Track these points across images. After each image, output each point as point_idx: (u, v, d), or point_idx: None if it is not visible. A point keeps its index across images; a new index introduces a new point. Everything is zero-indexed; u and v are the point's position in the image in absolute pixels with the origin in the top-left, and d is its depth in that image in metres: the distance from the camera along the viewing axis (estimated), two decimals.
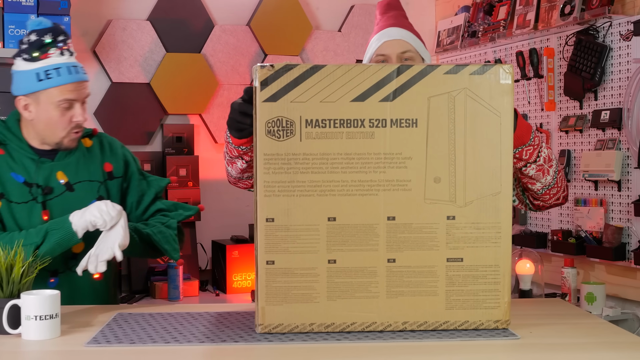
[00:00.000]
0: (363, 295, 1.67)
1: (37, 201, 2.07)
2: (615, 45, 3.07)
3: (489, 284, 1.67)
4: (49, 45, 2.05)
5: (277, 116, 1.66)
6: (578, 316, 1.92)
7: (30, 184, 2.07)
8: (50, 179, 2.10)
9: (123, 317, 1.87)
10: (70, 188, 2.12)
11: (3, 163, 2.08)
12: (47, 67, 2.04)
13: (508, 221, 1.67)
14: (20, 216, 2.06)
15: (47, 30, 2.06)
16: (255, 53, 3.80)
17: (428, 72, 1.65)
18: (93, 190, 2.15)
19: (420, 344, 1.61)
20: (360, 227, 1.66)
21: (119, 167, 2.23)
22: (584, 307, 3.03)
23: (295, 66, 1.66)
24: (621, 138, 3.03)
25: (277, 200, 1.67)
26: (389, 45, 2.06)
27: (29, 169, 2.09)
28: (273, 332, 1.68)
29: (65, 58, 2.07)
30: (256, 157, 1.66)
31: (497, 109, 1.66)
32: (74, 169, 2.14)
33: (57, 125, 2.06)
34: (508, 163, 1.67)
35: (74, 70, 2.07)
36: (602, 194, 3.13)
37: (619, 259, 3.00)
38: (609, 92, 3.10)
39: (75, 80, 2.06)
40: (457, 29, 3.87)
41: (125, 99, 3.58)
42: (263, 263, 1.67)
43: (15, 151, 2.10)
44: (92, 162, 2.18)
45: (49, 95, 2.05)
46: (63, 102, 2.04)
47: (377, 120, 1.66)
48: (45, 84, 2.04)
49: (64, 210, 2.06)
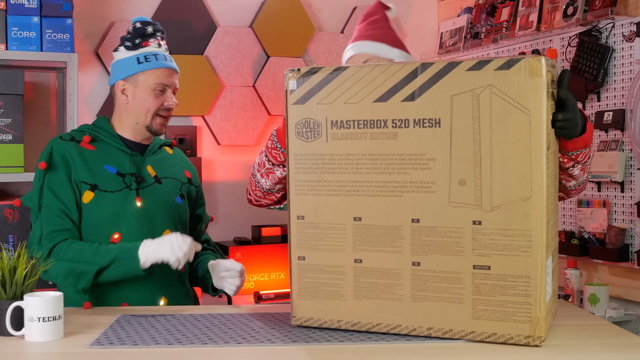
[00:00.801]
0: (388, 297, 1.66)
1: (130, 188, 2.16)
2: (618, 47, 3.06)
3: (519, 295, 1.55)
4: (150, 36, 2.23)
5: (305, 118, 1.70)
6: (581, 317, 1.90)
7: (123, 174, 2.18)
8: (141, 170, 2.22)
9: (126, 319, 1.87)
10: (159, 181, 2.24)
11: (96, 158, 2.17)
12: (146, 52, 2.21)
13: (540, 229, 1.53)
14: (115, 203, 2.14)
15: (149, 23, 2.25)
16: (257, 55, 3.80)
17: (450, 69, 1.58)
18: (177, 187, 2.28)
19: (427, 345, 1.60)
20: (385, 228, 1.65)
21: (195, 177, 2.40)
22: (587, 309, 3.03)
23: (320, 69, 1.68)
24: (624, 139, 3.03)
25: (307, 198, 1.71)
26: (356, 59, 2.16)
27: (121, 162, 2.19)
28: (305, 325, 1.73)
29: (162, 49, 2.25)
30: (288, 157, 1.72)
31: (526, 106, 1.53)
32: (160, 165, 2.28)
33: (151, 108, 2.20)
34: (539, 165, 1.53)
35: (169, 58, 2.25)
36: (605, 195, 3.12)
37: (622, 260, 3.00)
38: (611, 94, 3.10)
39: (170, 66, 2.23)
40: (459, 30, 3.87)
41: None
42: (295, 258, 1.73)
43: (107, 145, 2.21)
44: (175, 166, 2.33)
45: (146, 78, 2.20)
46: (158, 86, 2.19)
47: (399, 121, 1.63)
48: (144, 66, 2.20)
49: (154, 198, 2.20)
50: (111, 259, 2.00)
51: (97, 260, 2.00)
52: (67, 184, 2.11)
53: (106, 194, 2.13)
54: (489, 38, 3.61)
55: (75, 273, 2.01)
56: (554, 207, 1.67)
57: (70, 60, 3.05)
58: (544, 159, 1.53)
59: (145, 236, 2.08)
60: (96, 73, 3.53)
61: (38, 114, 3.38)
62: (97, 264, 1.99)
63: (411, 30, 4.15)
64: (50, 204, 2.10)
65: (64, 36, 3.06)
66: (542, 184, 1.53)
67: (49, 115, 3.40)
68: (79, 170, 2.12)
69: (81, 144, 2.18)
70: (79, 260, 2.01)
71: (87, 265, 2.00)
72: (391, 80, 1.63)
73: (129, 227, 2.13)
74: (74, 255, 2.02)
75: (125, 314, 1.92)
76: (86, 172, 2.13)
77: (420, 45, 4.15)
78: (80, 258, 2.01)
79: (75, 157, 2.14)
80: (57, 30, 3.05)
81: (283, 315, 1.88)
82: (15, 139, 2.96)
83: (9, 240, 2.95)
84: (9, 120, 2.96)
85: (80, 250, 2.03)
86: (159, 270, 2.10)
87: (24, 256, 1.72)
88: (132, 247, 2.01)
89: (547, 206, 1.55)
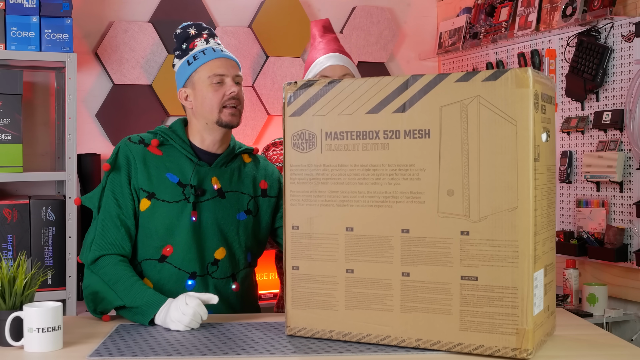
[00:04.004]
0: (379, 307, 1.67)
1: (188, 201, 2.09)
2: (617, 47, 3.06)
3: (506, 307, 1.55)
4: (195, 37, 2.18)
5: (301, 129, 1.73)
6: (581, 327, 1.88)
7: (184, 185, 2.10)
8: (204, 182, 2.12)
9: (125, 329, 1.87)
10: (222, 195, 2.14)
11: (160, 164, 2.11)
12: (194, 52, 2.15)
13: (526, 240, 1.53)
14: (170, 215, 2.07)
15: (190, 25, 2.20)
16: (256, 55, 3.80)
17: (439, 80, 1.60)
18: (243, 202, 2.17)
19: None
20: (376, 238, 1.67)
21: (273, 187, 2.26)
22: (586, 309, 3.03)
23: (315, 82, 1.71)
24: (623, 139, 3.03)
25: (301, 209, 1.73)
26: (333, 69, 2.43)
27: (184, 171, 2.11)
28: (298, 335, 1.74)
29: (211, 44, 2.17)
30: (284, 168, 1.74)
31: (513, 117, 1.54)
32: (228, 178, 2.17)
33: (213, 102, 2.11)
34: (526, 176, 1.53)
35: (218, 49, 2.16)
36: (604, 195, 3.12)
37: (620, 260, 3.00)
38: (610, 94, 3.10)
39: (220, 56, 2.14)
40: (458, 31, 3.87)
41: (127, 101, 3.58)
42: (290, 268, 1.76)
43: (174, 151, 2.14)
44: (247, 177, 2.21)
45: (199, 76, 2.13)
46: (213, 77, 2.11)
47: (391, 132, 1.65)
48: (194, 65, 2.14)
49: (212, 213, 2.10)
50: (134, 305, 1.92)
51: (124, 297, 1.94)
52: (127, 188, 2.07)
53: (163, 204, 2.07)
54: (488, 38, 3.61)
55: (100, 296, 1.97)
56: (546, 220, 1.65)
57: (69, 60, 3.05)
58: (531, 170, 1.53)
59: (196, 252, 2.06)
60: (95, 73, 3.53)
61: (37, 114, 3.38)
62: (122, 301, 1.93)
63: (410, 30, 4.15)
64: (109, 207, 2.06)
65: (63, 36, 3.06)
66: (529, 195, 1.53)
67: (47, 115, 3.41)
68: (139, 176, 2.07)
69: (149, 147, 2.12)
70: (110, 286, 1.96)
71: (114, 296, 1.95)
72: (383, 92, 1.66)
73: (181, 241, 2.07)
74: (110, 279, 1.97)
75: (124, 324, 1.92)
76: (146, 179, 2.08)
77: (419, 45, 4.15)
78: (113, 286, 1.96)
79: (138, 162, 2.08)
80: (56, 30, 3.05)
81: (282, 325, 1.87)
82: (14, 138, 2.96)
83: (8, 240, 2.95)
84: (8, 120, 2.96)
85: (117, 279, 1.97)
86: (212, 289, 2.09)
87: (23, 266, 1.72)
88: (155, 305, 1.90)
89: (535, 217, 1.55)
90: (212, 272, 2.09)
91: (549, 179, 1.66)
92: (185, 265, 2.06)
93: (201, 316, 1.84)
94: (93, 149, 3.49)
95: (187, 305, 1.84)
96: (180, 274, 2.06)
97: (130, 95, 3.58)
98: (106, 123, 3.53)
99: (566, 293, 3.18)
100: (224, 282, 2.10)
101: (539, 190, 1.57)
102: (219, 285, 2.09)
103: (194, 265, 2.07)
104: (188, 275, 2.07)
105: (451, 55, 3.98)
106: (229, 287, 2.12)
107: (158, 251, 2.07)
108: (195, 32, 2.18)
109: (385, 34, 4.05)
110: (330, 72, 2.44)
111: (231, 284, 2.12)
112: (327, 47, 2.51)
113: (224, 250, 2.11)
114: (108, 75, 3.55)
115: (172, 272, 2.06)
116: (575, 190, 3.27)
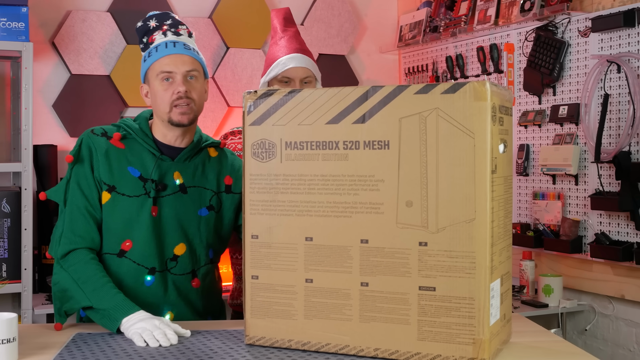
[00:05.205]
0: (337, 317, 1.68)
1: (149, 196, 2.05)
2: (573, 42, 3.11)
3: (463, 317, 1.56)
4: (155, 29, 2.12)
5: (261, 139, 1.73)
6: (535, 333, 1.89)
7: (145, 179, 2.06)
8: (166, 176, 2.09)
9: (82, 338, 1.84)
10: (183, 190, 2.10)
11: (122, 157, 2.07)
12: (150, 49, 2.10)
13: (483, 251, 1.55)
14: (130, 209, 2.04)
15: (152, 17, 2.14)
16: (217, 46, 3.78)
17: (398, 92, 1.61)
18: (205, 198, 2.14)
19: None
20: (335, 248, 1.67)
21: (238, 183, 2.21)
22: (542, 299, 3.08)
23: (276, 91, 1.71)
24: (579, 133, 3.09)
25: (261, 218, 1.73)
26: (295, 70, 2.49)
27: (146, 165, 2.08)
28: (257, 344, 1.75)
29: (168, 37, 2.10)
30: (244, 177, 1.74)
31: (471, 130, 1.55)
32: (192, 173, 2.13)
33: (164, 100, 2.06)
34: (483, 188, 1.54)
35: (171, 44, 2.09)
36: (559, 187, 3.18)
37: (575, 252, 3.06)
38: (567, 88, 3.15)
39: (171, 52, 2.07)
40: (419, 24, 3.89)
41: (85, 91, 3.53)
42: (249, 277, 1.75)
43: (137, 145, 2.10)
44: (211, 172, 2.17)
45: (152, 72, 2.08)
46: (161, 74, 2.06)
47: (350, 142, 1.65)
48: (147, 62, 2.09)
49: (173, 209, 2.08)
50: (101, 307, 1.90)
51: (92, 298, 1.91)
52: (92, 179, 2.04)
53: (123, 198, 2.05)
54: (447, 32, 3.64)
55: (68, 295, 1.95)
56: (503, 231, 1.67)
57: (25, 50, 3.00)
58: (488, 182, 1.55)
59: (155, 248, 2.04)
60: (52, 63, 3.48)
61: None
62: (89, 301, 1.91)
63: (371, 23, 4.16)
64: (76, 199, 2.03)
65: (18, 25, 3.00)
66: (486, 206, 1.55)
67: (3, 106, 3.35)
68: (101, 169, 2.04)
69: (111, 140, 2.08)
70: (79, 285, 1.94)
71: (82, 296, 1.92)
72: (343, 103, 1.66)
73: (141, 236, 2.04)
74: (80, 277, 1.94)
75: (81, 333, 1.88)
76: (107, 172, 2.05)
77: (380, 39, 4.16)
78: (82, 285, 1.93)
79: (100, 154, 2.05)
80: (12, 18, 2.99)
81: (241, 334, 1.86)
82: None
83: None
84: None
85: (87, 278, 1.94)
86: (171, 285, 2.07)
87: None
88: (123, 310, 1.88)
89: (492, 229, 1.57)
90: (171, 268, 2.07)
91: (505, 190, 1.68)
92: (145, 260, 2.04)
93: (169, 339, 1.78)
94: (50, 140, 3.44)
95: (162, 322, 1.83)
96: (139, 269, 2.04)
97: (88, 85, 3.53)
98: (63, 114, 3.49)
99: (522, 284, 3.23)
100: (184, 278, 2.09)
101: (496, 201, 1.59)
102: (178, 281, 2.08)
103: (153, 261, 2.05)
104: (147, 270, 2.05)
105: (411, 48, 4.00)
106: (188, 283, 2.10)
107: (117, 245, 2.05)
108: (156, 24, 2.12)
109: (346, 27, 4.06)
110: (292, 74, 2.48)
111: (191, 280, 2.10)
112: (289, 46, 2.53)
113: (184, 246, 2.09)
114: (65, 65, 3.50)
115: (131, 267, 2.04)
116: (532, 182, 3.32)
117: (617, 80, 2.91)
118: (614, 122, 2.93)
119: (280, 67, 2.49)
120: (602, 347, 3.10)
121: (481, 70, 3.54)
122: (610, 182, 2.94)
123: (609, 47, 2.95)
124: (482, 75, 3.54)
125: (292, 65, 2.48)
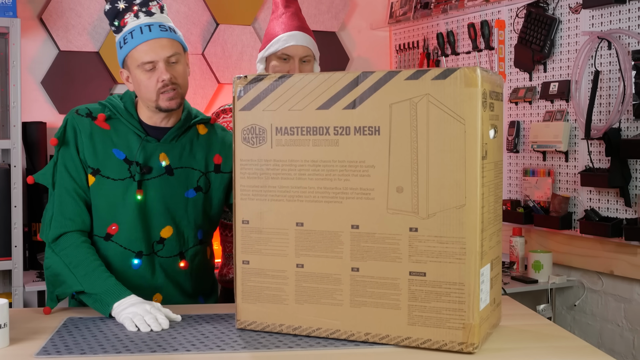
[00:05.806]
0: (328, 301, 1.69)
1: (134, 179, 2.03)
2: (564, 18, 3.11)
3: (453, 302, 1.57)
4: (125, 10, 2.01)
5: (252, 124, 1.72)
6: (525, 317, 1.90)
7: (130, 162, 2.03)
8: (151, 159, 2.06)
9: (73, 323, 1.84)
10: (170, 172, 2.07)
11: (107, 139, 2.04)
12: (124, 33, 2.01)
13: (474, 237, 1.56)
14: (115, 193, 2.02)
15: None
16: (207, 22, 3.75)
17: (389, 78, 1.60)
18: (192, 179, 2.10)
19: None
20: (326, 233, 1.68)
21: (228, 163, 2.16)
22: (531, 275, 3.11)
23: (266, 76, 1.70)
24: (569, 110, 3.09)
25: (252, 203, 1.74)
26: (295, 49, 2.48)
27: (132, 146, 2.04)
28: (248, 328, 1.76)
29: (140, 20, 2.00)
30: (234, 162, 1.74)
31: (462, 116, 1.55)
32: (178, 153, 2.09)
33: (149, 88, 2.00)
34: (473, 174, 1.55)
35: (146, 29, 1.99)
36: (550, 164, 3.19)
37: (565, 228, 3.08)
38: (557, 65, 3.15)
39: (148, 38, 1.98)
40: (409, 1, 3.87)
41: (74, 68, 3.51)
42: (240, 262, 1.76)
43: (122, 126, 2.05)
44: (199, 151, 2.13)
45: (131, 61, 2.00)
46: (143, 66, 1.98)
47: (341, 128, 1.65)
48: (125, 49, 2.01)
49: (159, 192, 2.05)
50: (93, 291, 1.90)
51: (84, 282, 1.91)
52: (78, 160, 2.02)
53: (108, 181, 2.02)
54: (438, 8, 3.62)
55: (60, 279, 1.95)
56: (493, 216, 1.68)
57: (13, 26, 2.97)
58: (478, 168, 1.55)
59: (141, 232, 2.03)
60: (40, 39, 3.45)
61: None
62: (81, 286, 1.91)
63: (361, 0, 4.14)
64: (64, 182, 2.01)
65: (6, 0, 2.97)
66: (476, 192, 1.55)
67: None
68: (85, 151, 2.01)
69: (96, 121, 2.04)
70: (71, 270, 1.93)
71: (74, 280, 1.92)
72: (333, 89, 1.65)
73: (126, 220, 2.02)
74: (71, 262, 1.94)
75: (72, 317, 1.89)
76: (91, 154, 2.02)
77: (371, 15, 4.14)
78: (74, 269, 1.93)
79: (85, 136, 2.02)
80: None
81: (232, 317, 1.87)
82: None
83: None
84: None
85: (78, 262, 1.94)
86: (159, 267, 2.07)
87: None
88: (114, 295, 1.88)
89: (482, 214, 1.58)
90: (158, 250, 2.07)
91: (496, 175, 1.69)
92: (131, 244, 2.04)
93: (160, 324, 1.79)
94: (39, 117, 3.42)
95: (153, 307, 1.83)
96: (125, 252, 2.04)
97: (76, 62, 3.51)
98: (52, 91, 3.46)
99: (512, 260, 3.25)
100: (171, 260, 2.08)
101: (486, 187, 1.60)
102: (165, 263, 2.07)
103: (140, 245, 2.04)
104: (134, 254, 2.05)
105: (402, 25, 3.99)
106: (176, 265, 2.09)
107: (103, 229, 2.04)
108: (125, 5, 2.01)
109: (337, 3, 4.04)
110: (292, 52, 2.48)
111: (178, 262, 2.09)
112: (290, 23, 2.52)
113: (171, 228, 2.07)
114: (54, 42, 3.47)
115: (117, 250, 2.04)
116: (522, 159, 3.33)
117: (608, 57, 2.91)
118: (604, 98, 2.93)
119: (281, 43, 2.48)
120: (590, 322, 3.13)
121: (472, 47, 3.53)
122: (600, 159, 2.95)
123: (599, 24, 2.95)
124: (473, 52, 3.53)
125: (292, 43, 2.48)
